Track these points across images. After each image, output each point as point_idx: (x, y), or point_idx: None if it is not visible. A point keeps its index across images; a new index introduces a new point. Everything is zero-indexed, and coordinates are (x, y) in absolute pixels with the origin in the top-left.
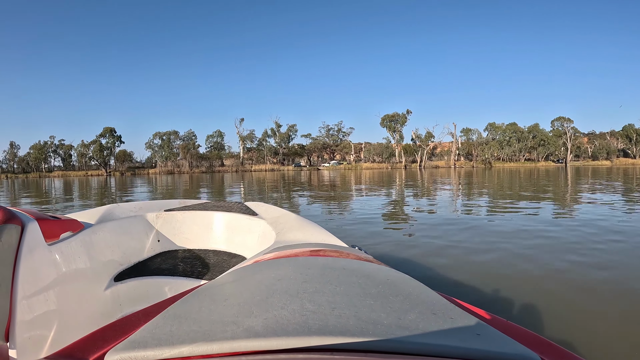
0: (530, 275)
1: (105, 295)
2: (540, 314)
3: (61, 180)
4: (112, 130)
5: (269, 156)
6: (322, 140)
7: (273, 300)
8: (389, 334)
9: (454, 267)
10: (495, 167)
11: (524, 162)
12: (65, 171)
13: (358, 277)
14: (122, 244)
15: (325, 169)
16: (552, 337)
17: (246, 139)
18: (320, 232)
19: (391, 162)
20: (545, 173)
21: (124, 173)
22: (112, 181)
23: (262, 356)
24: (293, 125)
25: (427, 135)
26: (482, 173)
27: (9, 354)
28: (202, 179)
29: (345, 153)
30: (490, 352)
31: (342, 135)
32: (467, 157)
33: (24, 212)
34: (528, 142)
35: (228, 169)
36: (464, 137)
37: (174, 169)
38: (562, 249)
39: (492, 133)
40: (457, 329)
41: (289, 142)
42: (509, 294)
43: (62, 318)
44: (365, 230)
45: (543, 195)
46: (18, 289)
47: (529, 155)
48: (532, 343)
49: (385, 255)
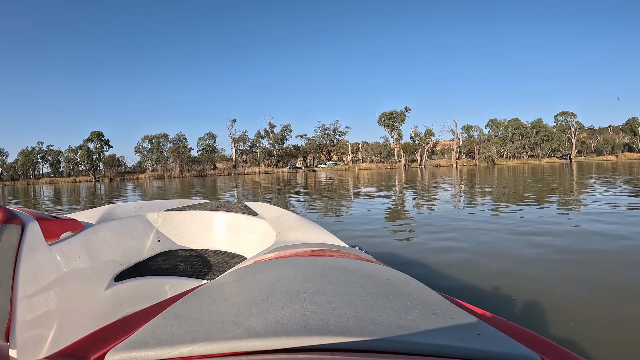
0: (535, 277)
1: (106, 295)
2: (541, 314)
3: (50, 187)
4: (100, 135)
5: (262, 158)
6: (317, 141)
7: (273, 300)
8: (389, 333)
9: (454, 267)
10: (498, 164)
11: (527, 158)
12: (53, 178)
13: (358, 277)
14: (123, 244)
15: (321, 170)
16: (553, 337)
17: (238, 141)
18: (321, 232)
19: (390, 161)
20: (551, 170)
21: (113, 179)
22: (101, 187)
23: (263, 356)
24: (287, 126)
25: (427, 133)
26: (485, 171)
27: (9, 354)
28: (193, 183)
29: (342, 153)
30: (491, 352)
31: (339, 135)
32: (468, 155)
33: (24, 212)
34: (532, 138)
35: (220, 173)
36: (465, 134)
37: (164, 174)
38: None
39: (494, 129)
40: (458, 329)
41: (283, 143)
42: (509, 294)
43: (63, 318)
44: (365, 232)
45: (557, 196)
46: (18, 288)
47: (532, 151)
48: (532, 343)
49: (385, 255)
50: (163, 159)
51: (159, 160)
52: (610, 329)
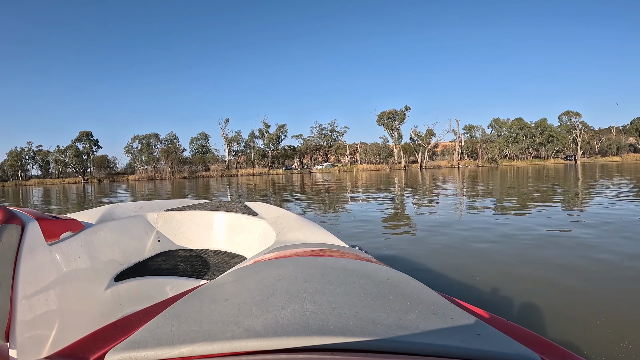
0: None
1: (106, 295)
2: (542, 314)
3: (39, 190)
4: (89, 135)
5: (257, 159)
6: (314, 141)
7: (273, 300)
8: (389, 334)
9: (454, 267)
10: (502, 166)
11: (531, 159)
12: (42, 179)
13: (358, 277)
14: (123, 244)
15: (318, 171)
16: (552, 336)
17: (232, 141)
18: (321, 232)
19: (389, 163)
20: (556, 171)
21: (102, 180)
22: (89, 189)
23: (263, 356)
24: (282, 126)
25: (428, 133)
26: (488, 173)
27: (9, 354)
28: (184, 186)
29: (340, 154)
30: (491, 352)
31: (336, 135)
32: (471, 155)
33: (24, 212)
34: (536, 139)
35: (213, 174)
36: (467, 134)
37: (154, 175)
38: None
39: (497, 130)
40: (458, 329)
41: (278, 144)
42: (509, 294)
43: (63, 318)
44: (364, 234)
45: (571, 202)
46: (18, 288)
47: (536, 152)
48: (532, 343)
49: (385, 255)
50: (153, 159)
51: (149, 161)
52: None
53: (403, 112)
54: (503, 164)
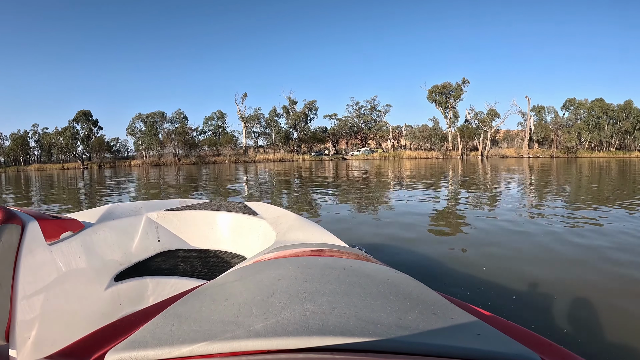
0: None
1: (106, 295)
2: (542, 315)
3: (35, 175)
4: (88, 114)
5: (280, 142)
6: (350, 122)
7: (273, 300)
8: (389, 334)
9: (454, 267)
10: (581, 157)
11: (615, 151)
12: (42, 164)
13: (358, 277)
14: (123, 244)
15: (353, 158)
16: (552, 336)
17: (250, 120)
18: (321, 232)
19: (442, 149)
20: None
21: (102, 165)
22: (85, 176)
23: (263, 356)
24: (312, 102)
25: (490, 114)
26: (568, 167)
27: (9, 354)
28: (191, 173)
29: (381, 138)
30: (491, 352)
31: (377, 115)
32: (541, 143)
33: (24, 211)
34: (621, 125)
35: (225, 159)
36: (537, 117)
37: (159, 160)
38: None
39: (574, 112)
40: (457, 329)
41: (306, 124)
42: (510, 294)
43: (63, 318)
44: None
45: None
46: (18, 288)
47: (619, 142)
48: (532, 343)
49: (386, 255)
50: (157, 142)
51: (152, 144)
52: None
53: (460, 85)
54: (582, 155)
